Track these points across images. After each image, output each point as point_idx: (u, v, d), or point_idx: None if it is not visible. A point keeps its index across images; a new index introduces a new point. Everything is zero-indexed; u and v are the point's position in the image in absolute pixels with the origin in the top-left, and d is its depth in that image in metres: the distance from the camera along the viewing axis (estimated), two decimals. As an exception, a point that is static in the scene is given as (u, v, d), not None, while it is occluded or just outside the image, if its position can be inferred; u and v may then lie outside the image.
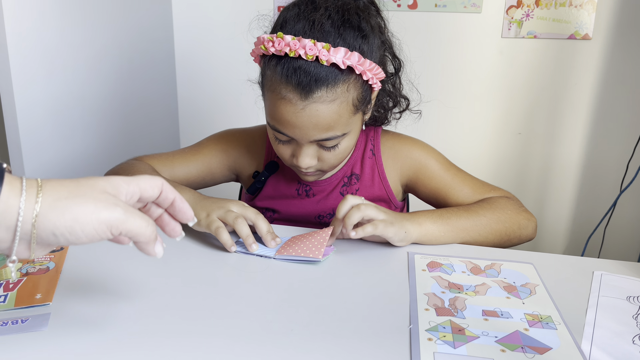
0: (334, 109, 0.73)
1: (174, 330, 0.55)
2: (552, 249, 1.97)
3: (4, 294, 0.60)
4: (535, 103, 1.86)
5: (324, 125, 0.73)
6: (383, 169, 0.90)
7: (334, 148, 0.78)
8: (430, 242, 0.76)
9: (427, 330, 0.55)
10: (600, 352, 0.53)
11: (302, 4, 0.74)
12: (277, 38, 0.71)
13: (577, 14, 1.74)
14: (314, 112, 0.72)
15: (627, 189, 1.43)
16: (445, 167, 0.89)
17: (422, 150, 0.91)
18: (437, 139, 1.49)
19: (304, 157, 0.78)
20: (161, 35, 1.94)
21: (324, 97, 0.71)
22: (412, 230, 0.75)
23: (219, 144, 0.95)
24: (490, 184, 0.89)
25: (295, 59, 0.70)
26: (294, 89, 0.71)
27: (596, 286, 0.66)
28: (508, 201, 0.83)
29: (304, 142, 0.76)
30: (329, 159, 0.79)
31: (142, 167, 0.87)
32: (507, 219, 0.80)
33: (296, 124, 0.73)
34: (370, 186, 0.91)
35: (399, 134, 0.94)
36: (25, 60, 1.26)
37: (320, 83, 0.71)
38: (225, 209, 0.74)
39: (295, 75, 0.70)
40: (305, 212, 0.91)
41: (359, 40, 0.72)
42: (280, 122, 0.75)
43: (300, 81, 0.70)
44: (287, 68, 0.71)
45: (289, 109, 0.72)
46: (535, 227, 0.84)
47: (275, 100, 0.73)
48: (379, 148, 0.91)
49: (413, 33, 1.85)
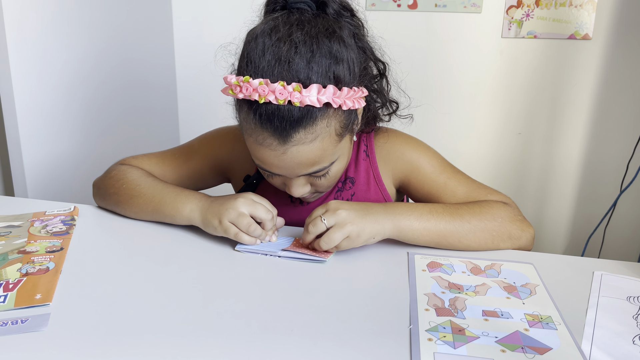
0: (316, 146, 0.69)
1: (174, 330, 0.54)
2: (552, 249, 1.97)
3: (4, 294, 0.60)
4: (535, 103, 1.86)
5: (308, 163, 0.70)
6: (378, 171, 0.87)
7: (325, 175, 0.75)
8: (404, 240, 0.74)
9: (427, 330, 0.55)
10: (600, 352, 0.53)
11: (266, 34, 0.68)
12: (244, 83, 0.66)
13: (577, 14, 1.74)
14: (296, 154, 0.68)
15: (627, 189, 1.43)
16: (440, 169, 0.84)
17: (415, 151, 0.86)
18: (437, 139, 1.49)
19: (296, 188, 0.75)
20: (161, 35, 1.94)
21: (304, 138, 0.67)
22: (382, 232, 0.72)
23: (210, 148, 0.92)
24: (489, 187, 0.84)
25: (267, 104, 0.66)
26: (271, 135, 0.67)
27: (596, 286, 0.66)
28: (503, 207, 0.78)
29: (293, 177, 0.74)
30: (321, 184, 0.77)
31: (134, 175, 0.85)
32: (495, 227, 0.75)
33: (280, 165, 0.71)
34: (366, 190, 0.87)
35: (394, 132, 0.89)
36: (25, 59, 1.26)
37: (297, 125, 0.66)
38: (237, 212, 0.72)
39: (269, 121, 0.66)
40: (299, 219, 0.87)
41: (332, 68, 0.67)
42: (264, 163, 0.72)
43: (276, 128, 0.66)
44: (260, 115, 0.67)
45: (269, 154, 0.69)
46: (531, 238, 0.78)
47: (254, 145, 0.70)
48: (372, 148, 0.87)
49: (413, 33, 1.85)
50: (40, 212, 0.86)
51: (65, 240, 0.75)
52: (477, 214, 0.76)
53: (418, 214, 0.73)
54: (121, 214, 0.85)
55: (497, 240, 0.75)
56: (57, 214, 0.85)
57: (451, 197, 0.82)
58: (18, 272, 0.65)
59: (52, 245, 0.73)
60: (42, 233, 0.77)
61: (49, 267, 0.67)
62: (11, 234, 0.77)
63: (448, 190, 0.83)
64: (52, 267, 0.67)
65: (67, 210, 0.86)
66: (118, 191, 0.84)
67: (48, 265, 0.67)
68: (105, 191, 0.86)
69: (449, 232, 0.74)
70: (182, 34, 2.03)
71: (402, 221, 0.73)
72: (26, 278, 0.64)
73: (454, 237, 0.74)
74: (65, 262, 0.69)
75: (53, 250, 0.72)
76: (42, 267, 0.67)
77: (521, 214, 0.80)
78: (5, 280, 0.63)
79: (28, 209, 0.87)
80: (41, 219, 0.83)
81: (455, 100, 1.90)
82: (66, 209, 0.87)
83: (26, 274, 0.65)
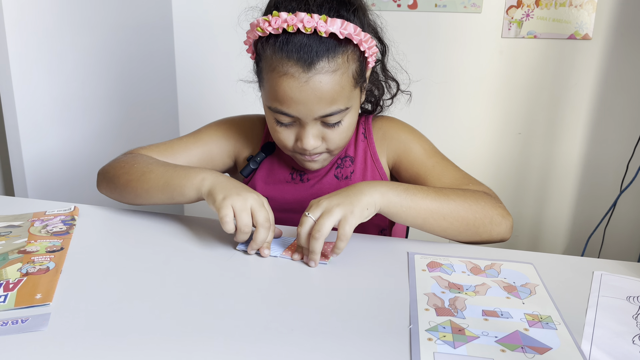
0: (336, 79, 0.73)
1: (173, 330, 0.54)
2: (552, 249, 1.97)
3: (4, 294, 0.60)
4: (535, 103, 1.86)
5: (327, 98, 0.73)
6: (375, 151, 0.90)
7: (338, 125, 0.77)
8: (390, 215, 0.73)
9: (427, 330, 0.55)
10: (600, 352, 0.53)
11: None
12: (273, 17, 0.71)
13: (577, 14, 1.74)
14: (317, 85, 0.72)
15: (627, 189, 1.43)
16: (429, 154, 0.88)
17: (408, 134, 0.91)
18: (437, 139, 1.48)
19: (309, 138, 0.77)
20: (161, 35, 1.94)
21: (326, 67, 0.72)
22: (372, 202, 0.70)
23: (219, 130, 0.95)
24: (473, 178, 0.86)
25: (293, 34, 0.71)
26: (296, 63, 0.71)
27: (596, 286, 0.66)
28: (485, 195, 0.79)
29: (309, 119, 0.75)
30: (333, 138, 0.79)
31: (146, 157, 0.86)
32: (478, 209, 0.76)
33: (300, 99, 0.73)
34: (363, 169, 0.90)
35: (390, 117, 0.94)
36: (25, 59, 1.26)
37: (321, 54, 0.71)
38: (244, 203, 0.70)
39: (296, 49, 0.71)
40: (300, 197, 0.90)
41: (352, 15, 0.74)
42: (284, 100, 0.74)
43: (302, 54, 0.71)
44: (287, 43, 0.71)
45: (292, 85, 0.72)
46: (510, 227, 0.79)
47: (277, 78, 0.73)
48: (370, 131, 0.91)
49: (413, 33, 1.85)
50: (40, 212, 0.86)
51: (66, 240, 0.75)
52: (461, 195, 0.77)
53: (404, 188, 0.74)
54: (128, 197, 0.83)
55: (478, 222, 0.76)
56: (57, 213, 0.85)
57: (437, 181, 0.84)
58: (18, 272, 0.65)
59: (52, 245, 0.73)
60: (42, 233, 0.77)
61: (49, 267, 0.67)
62: (11, 233, 0.77)
63: (435, 173, 0.85)
64: (53, 267, 0.67)
65: (67, 210, 0.86)
66: (129, 170, 0.83)
67: (48, 265, 0.67)
68: (114, 173, 0.85)
69: (435, 209, 0.74)
70: (182, 33, 2.03)
71: (389, 193, 0.72)
72: (26, 278, 0.64)
73: (439, 213, 0.74)
74: (66, 262, 0.69)
75: (53, 250, 0.72)
76: (42, 267, 0.67)
77: (502, 203, 0.81)
78: (6, 280, 0.63)
79: (28, 209, 0.87)
80: (41, 218, 0.83)
81: (455, 100, 1.90)
82: (66, 209, 0.87)
83: (26, 273, 0.65)
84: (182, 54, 2.06)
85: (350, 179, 0.90)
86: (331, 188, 0.90)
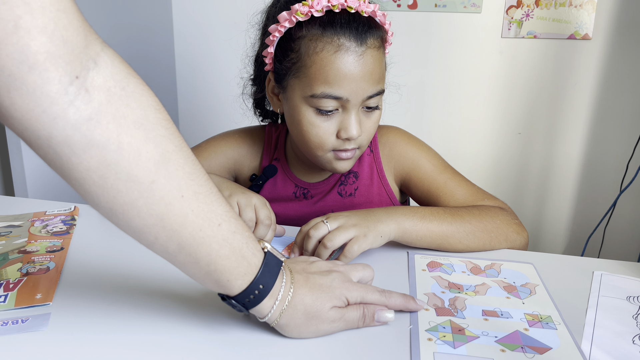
0: (381, 57, 0.75)
1: (174, 330, 0.55)
2: (552, 249, 1.97)
3: (4, 294, 0.60)
4: (535, 103, 1.86)
5: (376, 76, 0.74)
6: (382, 167, 0.88)
7: (373, 113, 0.77)
8: (407, 242, 0.74)
9: (427, 330, 0.55)
10: (600, 352, 0.53)
11: None
12: (313, 1, 0.71)
13: (577, 14, 1.74)
14: (370, 60, 0.73)
15: (627, 189, 1.43)
16: (440, 170, 0.86)
17: (417, 150, 0.88)
18: (437, 139, 1.49)
19: (354, 125, 0.75)
20: (161, 35, 1.94)
21: (375, 43, 0.74)
22: (388, 232, 0.71)
23: (219, 146, 0.93)
24: (487, 192, 0.85)
25: (340, 13, 0.72)
26: (350, 39, 0.72)
27: (596, 286, 0.66)
28: (500, 211, 0.79)
29: (358, 100, 0.74)
30: (368, 127, 0.78)
31: None
32: (494, 228, 0.76)
33: (354, 75, 0.72)
34: (369, 185, 0.88)
35: (396, 130, 0.91)
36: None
37: (370, 30, 0.73)
38: (248, 200, 0.73)
39: (348, 25, 0.72)
40: (303, 214, 0.89)
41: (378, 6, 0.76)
42: (336, 78, 0.72)
43: (356, 27, 0.72)
44: (338, 21, 0.72)
45: (347, 59, 0.72)
46: (525, 243, 0.79)
47: (330, 56, 0.72)
48: (376, 144, 0.89)
49: (413, 33, 1.85)
50: (40, 212, 0.86)
51: (66, 240, 0.75)
52: (477, 215, 0.76)
53: (420, 216, 0.74)
54: None
55: (494, 242, 0.76)
56: (57, 213, 0.85)
57: (450, 198, 0.83)
58: (18, 271, 0.65)
59: (52, 245, 0.73)
60: (42, 233, 0.77)
61: (49, 267, 0.67)
62: (11, 233, 0.77)
63: (447, 190, 0.83)
64: (53, 267, 0.67)
65: (67, 210, 0.86)
66: None
67: (48, 265, 0.67)
68: None
69: (451, 234, 0.74)
70: (182, 33, 2.03)
71: (405, 222, 0.72)
72: (26, 278, 0.64)
73: (455, 238, 0.74)
74: (66, 262, 0.69)
75: (53, 250, 0.72)
76: (42, 266, 0.67)
77: (517, 218, 0.81)
78: (6, 280, 0.63)
79: (28, 209, 0.88)
80: (41, 218, 0.83)
81: (455, 100, 1.90)
82: (66, 209, 0.87)
83: (26, 273, 0.65)
84: (182, 54, 2.06)
85: (354, 196, 0.88)
86: (334, 205, 0.88)
